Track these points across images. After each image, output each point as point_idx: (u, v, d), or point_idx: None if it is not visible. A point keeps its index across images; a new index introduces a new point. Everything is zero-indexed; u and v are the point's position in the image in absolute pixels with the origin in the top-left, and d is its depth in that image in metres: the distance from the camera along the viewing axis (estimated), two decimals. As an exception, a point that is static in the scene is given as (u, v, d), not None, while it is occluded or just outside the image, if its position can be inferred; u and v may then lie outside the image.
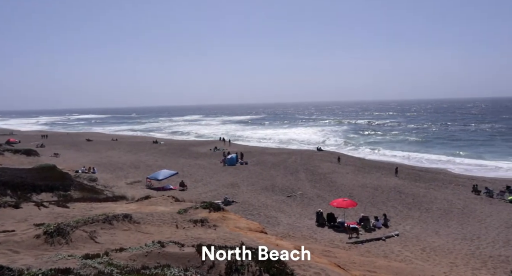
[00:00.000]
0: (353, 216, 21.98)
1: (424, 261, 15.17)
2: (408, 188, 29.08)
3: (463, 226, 20.59)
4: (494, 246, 17.35)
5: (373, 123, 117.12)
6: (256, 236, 11.92)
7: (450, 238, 18.48)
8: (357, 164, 40.67)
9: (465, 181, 32.60)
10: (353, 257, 14.61)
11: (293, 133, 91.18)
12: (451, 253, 16.19)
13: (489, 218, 21.89)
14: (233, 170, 37.35)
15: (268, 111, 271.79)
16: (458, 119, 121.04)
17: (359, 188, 29.30)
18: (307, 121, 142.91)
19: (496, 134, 74.93)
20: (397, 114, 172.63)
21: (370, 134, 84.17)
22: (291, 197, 27.02)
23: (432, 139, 71.41)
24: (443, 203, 25.02)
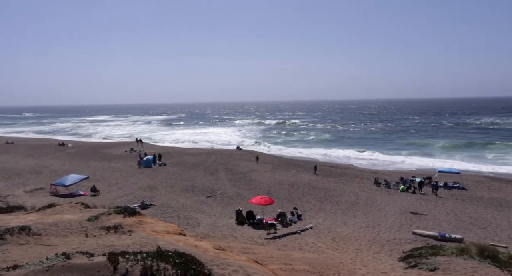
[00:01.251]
0: (271, 212, 22.85)
1: (334, 250, 16.48)
2: (321, 184, 31.26)
3: (366, 215, 22.90)
4: (391, 231, 19.68)
5: (288, 122, 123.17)
6: (174, 238, 11.63)
7: (356, 227, 20.40)
8: (275, 162, 42.34)
9: (369, 174, 36.27)
10: (271, 252, 15.19)
11: (211, 133, 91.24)
12: (357, 240, 17.87)
13: (387, 207, 24.71)
14: (150, 172, 35.85)
15: (185, 110, 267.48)
16: (362, 119, 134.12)
17: (276, 185, 30.54)
18: (225, 120, 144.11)
19: (393, 132, 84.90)
20: (307, 113, 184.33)
21: (286, 133, 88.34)
22: (211, 197, 26.98)
23: (340, 137, 77.90)
24: (351, 196, 27.48)
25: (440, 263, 12.61)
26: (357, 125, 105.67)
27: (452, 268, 12.12)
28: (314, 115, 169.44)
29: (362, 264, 14.07)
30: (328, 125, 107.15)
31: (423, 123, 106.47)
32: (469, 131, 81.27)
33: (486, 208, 24.62)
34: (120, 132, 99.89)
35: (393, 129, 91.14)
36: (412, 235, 18.86)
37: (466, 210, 23.95)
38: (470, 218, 22.36)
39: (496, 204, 25.50)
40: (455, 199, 27.04)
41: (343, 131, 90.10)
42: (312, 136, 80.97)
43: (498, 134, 74.26)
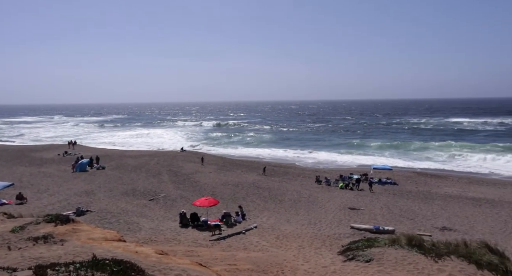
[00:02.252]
0: (215, 213, 22.69)
1: (278, 248, 16.83)
2: (265, 183, 31.77)
3: (309, 212, 23.73)
4: (331, 226, 20.62)
5: (232, 123, 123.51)
6: (113, 245, 11.03)
7: (299, 224, 21.04)
8: (219, 163, 42.15)
9: (310, 173, 37.64)
10: (215, 254, 15.07)
11: (153, 135, 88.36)
12: (299, 237, 18.43)
13: (328, 204, 25.86)
14: (87, 176, 33.64)
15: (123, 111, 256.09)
16: (303, 119, 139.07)
17: (221, 186, 30.42)
18: (167, 121, 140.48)
19: (331, 131, 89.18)
20: (251, 114, 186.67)
21: (230, 133, 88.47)
22: (154, 200, 26.07)
23: (283, 137, 79.93)
24: (293, 194, 28.29)
25: (374, 254, 13.48)
26: (298, 125, 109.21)
27: (385, 258, 13.02)
28: (257, 116, 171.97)
29: (305, 260, 14.54)
30: (271, 126, 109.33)
31: (359, 123, 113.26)
32: (399, 131, 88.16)
33: (414, 200, 26.89)
34: (51, 134, 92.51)
35: (331, 129, 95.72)
36: (350, 229, 19.93)
37: (397, 204, 25.93)
38: (401, 210, 24.25)
39: (422, 197, 27.96)
40: (388, 194, 29.14)
41: (285, 132, 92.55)
42: (255, 136, 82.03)
43: (423, 133, 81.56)
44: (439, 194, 29.08)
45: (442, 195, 28.52)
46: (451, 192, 30.00)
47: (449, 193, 29.56)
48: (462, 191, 30.47)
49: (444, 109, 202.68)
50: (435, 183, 33.68)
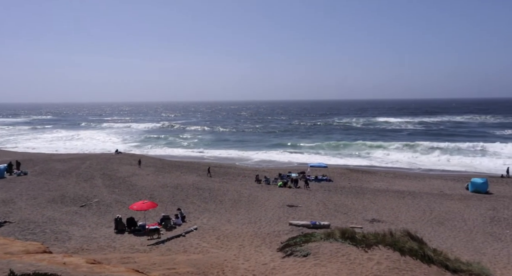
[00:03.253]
0: (154, 217, 21.91)
1: (219, 249, 16.76)
2: (205, 184, 31.43)
3: (249, 211, 23.98)
4: (271, 224, 21.08)
5: (170, 124, 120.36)
6: (36, 258, 10.07)
7: (240, 224, 21.17)
8: (158, 165, 40.79)
9: (250, 172, 38.10)
10: (153, 259, 14.54)
11: (85, 136, 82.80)
12: (240, 236, 18.55)
13: (268, 202, 26.38)
14: (5, 183, 30.26)
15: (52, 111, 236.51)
16: (242, 120, 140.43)
17: (160, 188, 29.45)
18: (101, 122, 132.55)
19: (270, 131, 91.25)
20: (189, 114, 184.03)
21: (168, 134, 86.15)
22: (86, 206, 24.35)
23: (222, 137, 79.93)
24: (234, 194, 28.38)
25: (311, 249, 14.06)
26: (237, 126, 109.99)
27: (321, 252, 13.66)
28: (196, 116, 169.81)
29: (245, 258, 14.67)
30: (210, 126, 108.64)
31: (297, 123, 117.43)
32: (333, 130, 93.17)
33: (347, 196, 28.58)
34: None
35: (270, 129, 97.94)
36: (289, 226, 20.56)
37: (332, 199, 27.34)
38: (335, 205, 25.61)
39: (355, 192, 29.84)
40: (324, 190, 30.59)
41: (225, 132, 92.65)
42: (194, 137, 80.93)
43: (355, 132, 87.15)
44: (369, 188, 31.26)
45: (371, 190, 30.70)
46: (379, 186, 32.43)
47: (377, 187, 31.93)
48: (389, 185, 33.11)
49: (374, 109, 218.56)
50: (366, 178, 36.16)
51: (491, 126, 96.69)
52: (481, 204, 25.59)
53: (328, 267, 12.38)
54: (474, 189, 29.78)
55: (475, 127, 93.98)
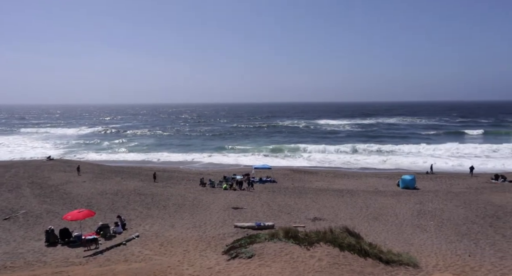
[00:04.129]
0: (91, 226, 20.58)
1: (162, 255, 16.24)
2: (148, 189, 30.30)
3: (193, 215, 23.59)
4: (216, 227, 20.94)
5: (109, 127, 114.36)
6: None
7: (184, 229, 20.72)
8: (95, 171, 38.46)
9: (194, 176, 37.54)
10: (90, 271, 13.67)
11: (10, 142, 75.38)
12: (184, 241, 18.16)
13: (212, 205, 26.17)
14: None
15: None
16: (182, 123, 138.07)
17: (98, 195, 27.78)
18: (30, 127, 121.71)
19: (213, 134, 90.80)
20: (128, 117, 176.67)
21: (106, 139, 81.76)
22: (10, 219, 22.11)
23: (164, 141, 77.83)
24: (178, 199, 27.73)
25: (256, 250, 14.24)
26: (180, 129, 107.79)
27: (266, 252, 13.89)
28: (136, 120, 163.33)
29: (189, 264, 14.40)
30: (151, 130, 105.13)
31: (240, 125, 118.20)
32: (277, 132, 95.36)
33: (291, 196, 29.40)
34: None
35: (213, 132, 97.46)
36: (234, 228, 20.59)
37: (276, 200, 27.93)
38: (279, 206, 26.21)
39: (297, 192, 30.80)
40: (268, 191, 31.15)
41: (167, 136, 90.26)
42: (135, 141, 77.80)
43: (298, 134, 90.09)
44: (311, 188, 32.48)
45: (313, 189, 31.93)
46: (320, 186, 33.85)
47: (319, 187, 33.29)
48: (329, 184, 34.70)
49: (315, 111, 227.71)
50: (308, 178, 37.52)
51: (419, 127, 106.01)
52: (410, 199, 27.89)
53: (272, 267, 12.62)
54: (404, 186, 32.37)
55: (405, 128, 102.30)
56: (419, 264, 14.46)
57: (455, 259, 16.09)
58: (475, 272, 14.50)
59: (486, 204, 25.75)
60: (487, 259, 16.22)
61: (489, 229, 20.76)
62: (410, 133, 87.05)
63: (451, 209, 24.80)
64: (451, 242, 18.62)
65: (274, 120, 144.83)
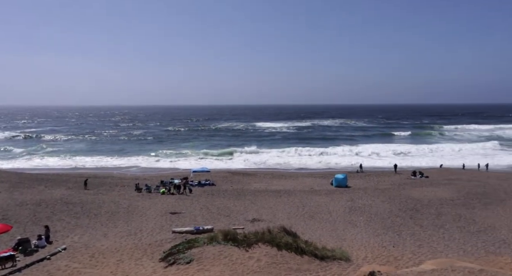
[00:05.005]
0: (7, 242, 18.47)
1: (93, 268, 15.18)
2: (76, 197, 28.10)
3: (128, 223, 22.41)
4: (152, 234, 20.14)
5: (29, 131, 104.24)
6: None
7: (118, 237, 19.59)
8: (13, 179, 34.65)
9: (129, 181, 35.74)
10: (7, 291, 12.26)
11: None
12: (118, 251, 17.17)
13: (149, 211, 25.14)
14: None
15: None
16: (118, 126, 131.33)
17: (16, 207, 25.02)
18: None
19: (149, 138, 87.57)
20: (53, 120, 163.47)
21: (26, 144, 74.50)
22: None
23: (94, 145, 73.20)
24: (111, 206, 26.14)
25: (194, 254, 13.98)
26: (112, 133, 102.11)
27: (204, 256, 13.71)
28: (64, 122, 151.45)
29: (123, 274, 13.67)
30: (81, 134, 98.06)
31: (177, 128, 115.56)
32: (215, 134, 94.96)
33: (229, 198, 29.41)
34: None
35: (149, 135, 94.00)
36: (172, 234, 19.98)
37: (215, 203, 27.73)
38: (218, 209, 26.06)
39: (236, 194, 30.92)
40: (207, 195, 30.80)
41: (98, 140, 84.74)
42: (61, 145, 71.93)
43: (235, 137, 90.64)
44: (249, 190, 32.83)
45: (252, 191, 32.31)
46: (259, 187, 34.37)
47: (257, 188, 33.79)
48: (267, 185, 35.40)
49: (253, 113, 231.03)
50: (247, 180, 37.88)
51: (350, 128, 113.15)
52: (342, 196, 29.60)
53: (211, 271, 12.50)
54: (337, 184, 34.24)
55: (337, 130, 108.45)
56: (350, 257, 15.38)
57: (381, 251, 17.41)
58: (398, 261, 15.83)
59: (407, 199, 28.31)
60: (408, 248, 17.83)
61: (410, 221, 22.86)
62: (343, 135, 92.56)
63: (378, 204, 26.82)
64: (378, 235, 20.13)
65: (213, 123, 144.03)
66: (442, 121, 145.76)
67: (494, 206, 26.29)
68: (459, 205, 26.43)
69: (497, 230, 21.08)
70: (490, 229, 21.18)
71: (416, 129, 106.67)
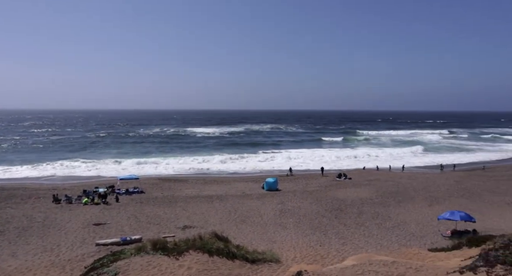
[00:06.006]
0: None
1: (-1, 291, 13.46)
2: (-22, 213, 24.72)
3: (43, 238, 20.33)
4: (73, 248, 18.53)
5: None
6: None
7: (30, 255, 17.64)
8: None
9: (46, 192, 32.51)
10: None
11: None
12: (30, 271, 15.44)
13: (69, 224, 23.12)
14: None
15: None
16: (29, 131, 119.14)
17: None
18: None
19: (65, 144, 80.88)
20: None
21: None
22: None
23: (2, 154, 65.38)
24: (22, 220, 23.50)
25: (120, 267, 13.17)
26: (22, 139, 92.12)
27: (131, 268, 12.98)
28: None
29: (37, 295, 12.33)
30: None
31: (100, 134, 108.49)
32: (142, 140, 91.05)
33: (160, 206, 28.38)
34: None
35: (65, 141, 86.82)
36: (96, 247, 18.63)
37: (144, 211, 26.53)
38: (148, 217, 24.97)
39: (167, 201, 29.96)
40: (135, 203, 29.34)
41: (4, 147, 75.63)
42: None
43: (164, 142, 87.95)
44: (181, 196, 32.04)
45: (183, 197, 31.57)
46: (190, 193, 33.72)
47: (189, 194, 33.12)
48: (199, 191, 34.89)
49: (182, 119, 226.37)
50: (178, 187, 36.91)
51: (280, 133, 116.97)
52: (273, 199, 30.43)
53: (138, 283, 11.90)
54: (268, 188, 35.08)
55: (268, 135, 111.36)
56: (280, 259, 15.84)
57: (309, 251, 18.24)
58: (324, 259, 16.73)
59: (332, 199, 30.12)
60: (333, 247, 18.95)
61: (335, 221, 24.33)
62: (274, 140, 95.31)
63: (306, 206, 28.10)
64: (306, 235, 21.06)
65: (141, 128, 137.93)
66: (365, 126, 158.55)
67: (405, 203, 29.27)
68: (377, 204, 28.89)
69: (407, 224, 23.48)
70: (402, 224, 23.50)
71: (342, 134, 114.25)
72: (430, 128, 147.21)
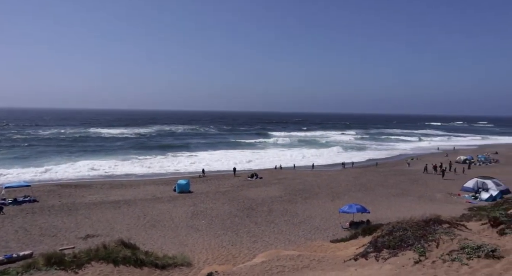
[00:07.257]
0: None
1: None
2: None
3: None
4: None
5: None
6: None
7: None
8: None
9: None
10: None
11: None
12: None
13: None
14: None
15: None
16: None
17: None
18: None
19: None
20: None
21: None
22: None
23: None
24: None
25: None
26: None
27: (19, 288, 11.40)
28: None
29: None
30: None
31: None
32: (35, 143, 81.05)
33: (57, 215, 25.51)
34: None
35: None
36: (-29, 268, 15.85)
37: (36, 222, 23.53)
38: (41, 229, 22.22)
39: (66, 209, 27.08)
40: (26, 214, 25.84)
41: None
42: None
43: (61, 145, 79.61)
44: (83, 203, 29.28)
45: (86, 204, 28.91)
46: (94, 199, 31.04)
47: (93, 200, 30.45)
48: (105, 196, 32.34)
49: (83, 119, 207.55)
50: (80, 193, 33.67)
51: (191, 134, 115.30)
52: (185, 202, 29.81)
53: (27, 304, 10.49)
54: (180, 190, 34.24)
55: (181, 137, 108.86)
56: (192, 262, 15.58)
57: (221, 251, 18.32)
58: (235, 258, 16.97)
59: (244, 199, 30.79)
60: (245, 245, 19.37)
61: (246, 220, 24.91)
62: (185, 141, 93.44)
63: (219, 207, 28.21)
64: (218, 236, 21.12)
65: (34, 129, 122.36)
66: (276, 127, 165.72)
67: (311, 199, 31.44)
68: (286, 201, 30.45)
69: (313, 219, 25.25)
70: (308, 219, 25.17)
71: (255, 135, 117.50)
72: (334, 129, 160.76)
